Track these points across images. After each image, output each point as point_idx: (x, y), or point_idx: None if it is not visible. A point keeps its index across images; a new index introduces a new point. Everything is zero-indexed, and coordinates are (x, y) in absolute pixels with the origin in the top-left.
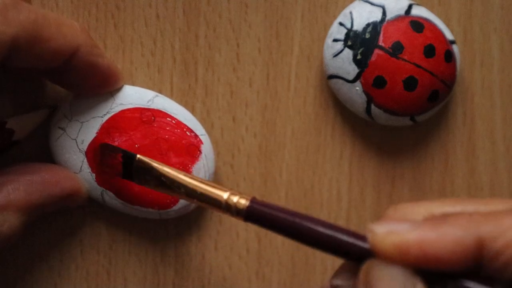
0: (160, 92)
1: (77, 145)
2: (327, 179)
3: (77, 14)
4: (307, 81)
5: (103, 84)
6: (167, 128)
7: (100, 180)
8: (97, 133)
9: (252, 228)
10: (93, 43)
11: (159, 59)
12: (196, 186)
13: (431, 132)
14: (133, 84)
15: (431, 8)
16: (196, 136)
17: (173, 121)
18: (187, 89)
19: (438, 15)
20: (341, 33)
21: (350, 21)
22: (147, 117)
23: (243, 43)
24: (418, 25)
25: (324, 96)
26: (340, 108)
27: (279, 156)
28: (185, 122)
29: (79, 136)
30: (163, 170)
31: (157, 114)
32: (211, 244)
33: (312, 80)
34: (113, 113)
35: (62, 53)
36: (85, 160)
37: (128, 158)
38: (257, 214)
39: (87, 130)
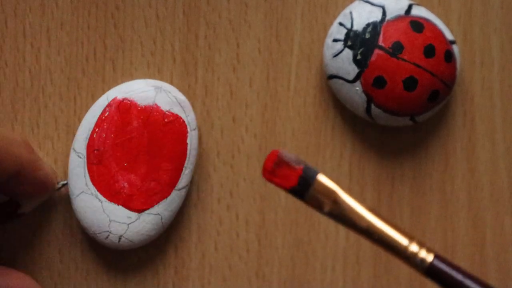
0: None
1: None
2: None
3: (77, 14)
4: (307, 81)
5: (41, 192)
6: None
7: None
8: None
9: (252, 228)
10: (36, 158)
11: (159, 59)
12: (378, 225)
13: (431, 132)
14: None
15: (431, 8)
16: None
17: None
18: (187, 89)
19: (438, 15)
20: (341, 33)
21: (350, 21)
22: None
23: (243, 43)
24: (418, 25)
25: (324, 96)
26: (340, 108)
27: None
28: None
29: None
30: (345, 197)
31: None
32: (211, 244)
33: (312, 80)
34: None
35: (8, 173)
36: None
37: (309, 173)
38: (439, 273)
39: None
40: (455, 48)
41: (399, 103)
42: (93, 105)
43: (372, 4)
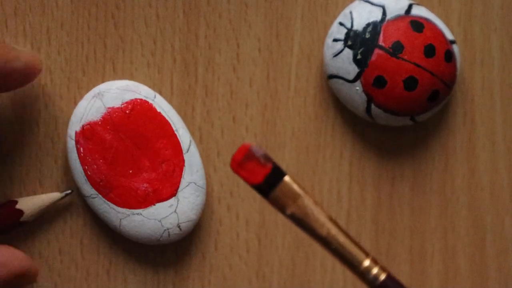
0: (160, 92)
1: None
2: (327, 179)
3: (77, 14)
4: (307, 81)
5: (24, 80)
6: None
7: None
8: None
9: (253, 228)
10: (9, 48)
11: (159, 59)
12: (338, 235)
13: (431, 132)
14: None
15: (431, 8)
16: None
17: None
18: (187, 89)
19: (438, 15)
20: (341, 33)
21: (350, 21)
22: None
23: (243, 43)
24: (418, 25)
25: (324, 96)
26: (340, 108)
27: (279, 156)
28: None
29: None
30: (310, 202)
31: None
32: (211, 244)
33: (312, 80)
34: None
35: None
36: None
37: (276, 173)
38: None
39: None
40: (455, 48)
41: (399, 103)
42: (68, 152)
43: (372, 4)
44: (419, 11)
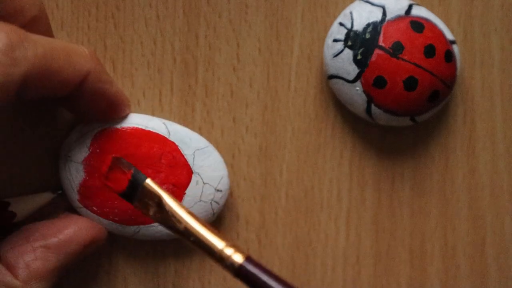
0: (160, 92)
1: None
2: (327, 179)
3: (77, 14)
4: (307, 81)
5: (110, 111)
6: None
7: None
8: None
9: (253, 228)
10: (102, 70)
11: (159, 59)
12: (194, 227)
13: (431, 132)
14: (133, 85)
15: (431, 8)
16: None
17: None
18: (187, 89)
19: (438, 15)
20: (341, 33)
21: (350, 21)
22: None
23: (243, 43)
24: (418, 25)
25: (324, 96)
26: (340, 108)
27: (279, 156)
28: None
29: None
30: (168, 200)
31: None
32: None
33: (312, 80)
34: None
35: (71, 83)
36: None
37: (137, 178)
38: (247, 274)
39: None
40: (455, 48)
41: (399, 103)
42: (86, 217)
43: (372, 4)
44: (419, 11)
